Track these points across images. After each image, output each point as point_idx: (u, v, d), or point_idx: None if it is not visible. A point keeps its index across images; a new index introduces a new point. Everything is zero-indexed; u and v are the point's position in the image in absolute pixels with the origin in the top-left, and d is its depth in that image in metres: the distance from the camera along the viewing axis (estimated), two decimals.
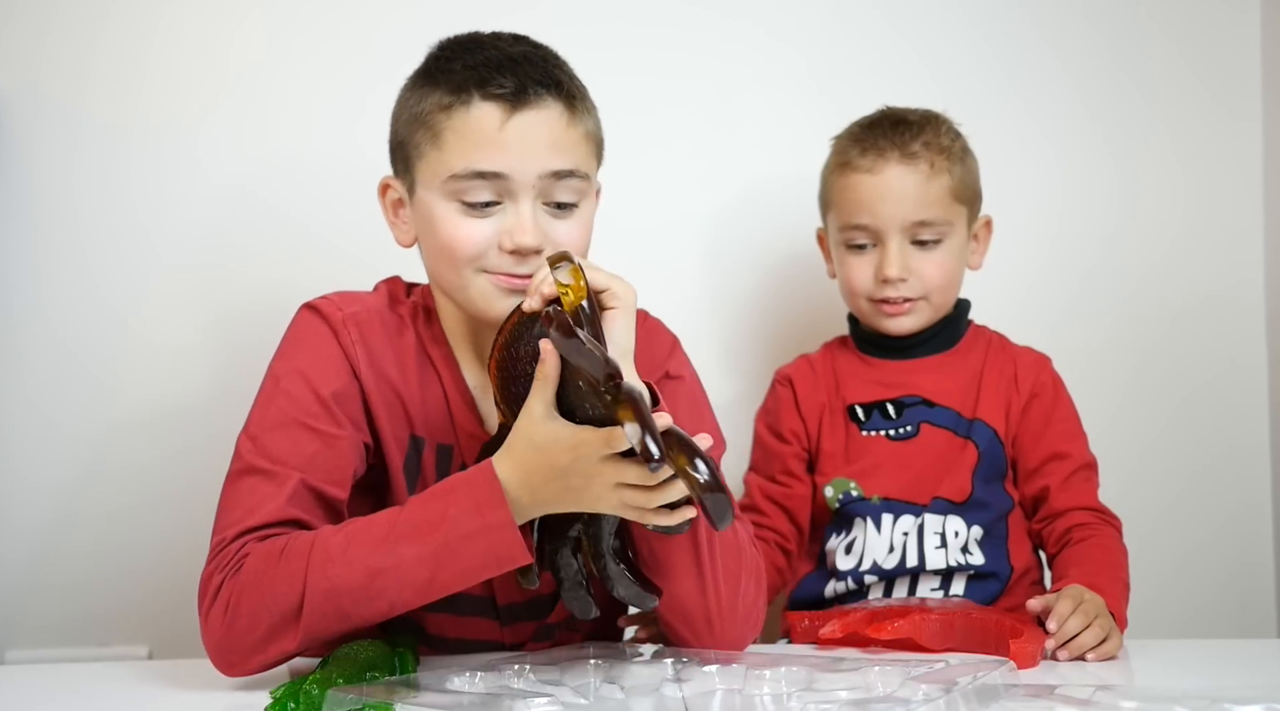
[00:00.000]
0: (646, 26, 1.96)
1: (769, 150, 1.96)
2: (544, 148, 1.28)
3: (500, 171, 1.27)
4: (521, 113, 1.27)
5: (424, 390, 1.34)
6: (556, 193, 1.29)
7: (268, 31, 1.90)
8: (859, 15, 1.98)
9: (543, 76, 1.29)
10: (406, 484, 1.32)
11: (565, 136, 1.29)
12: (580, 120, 1.31)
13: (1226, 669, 1.31)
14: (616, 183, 1.95)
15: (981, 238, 1.65)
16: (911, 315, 1.59)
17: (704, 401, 1.42)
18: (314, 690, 1.08)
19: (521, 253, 1.27)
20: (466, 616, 1.35)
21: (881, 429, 1.60)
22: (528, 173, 1.27)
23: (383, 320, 1.34)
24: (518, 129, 1.27)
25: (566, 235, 1.29)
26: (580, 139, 1.31)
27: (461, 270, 1.28)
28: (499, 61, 1.29)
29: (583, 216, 1.32)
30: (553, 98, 1.29)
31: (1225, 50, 2.01)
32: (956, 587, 1.54)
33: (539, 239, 1.27)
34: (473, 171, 1.26)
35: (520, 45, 1.33)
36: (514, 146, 1.27)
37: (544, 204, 1.29)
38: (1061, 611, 1.30)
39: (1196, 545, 2.01)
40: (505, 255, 1.27)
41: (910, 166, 1.56)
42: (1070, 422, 1.59)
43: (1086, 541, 1.49)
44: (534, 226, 1.27)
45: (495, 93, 1.27)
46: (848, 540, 1.58)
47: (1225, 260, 2.01)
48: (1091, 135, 2.00)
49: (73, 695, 1.24)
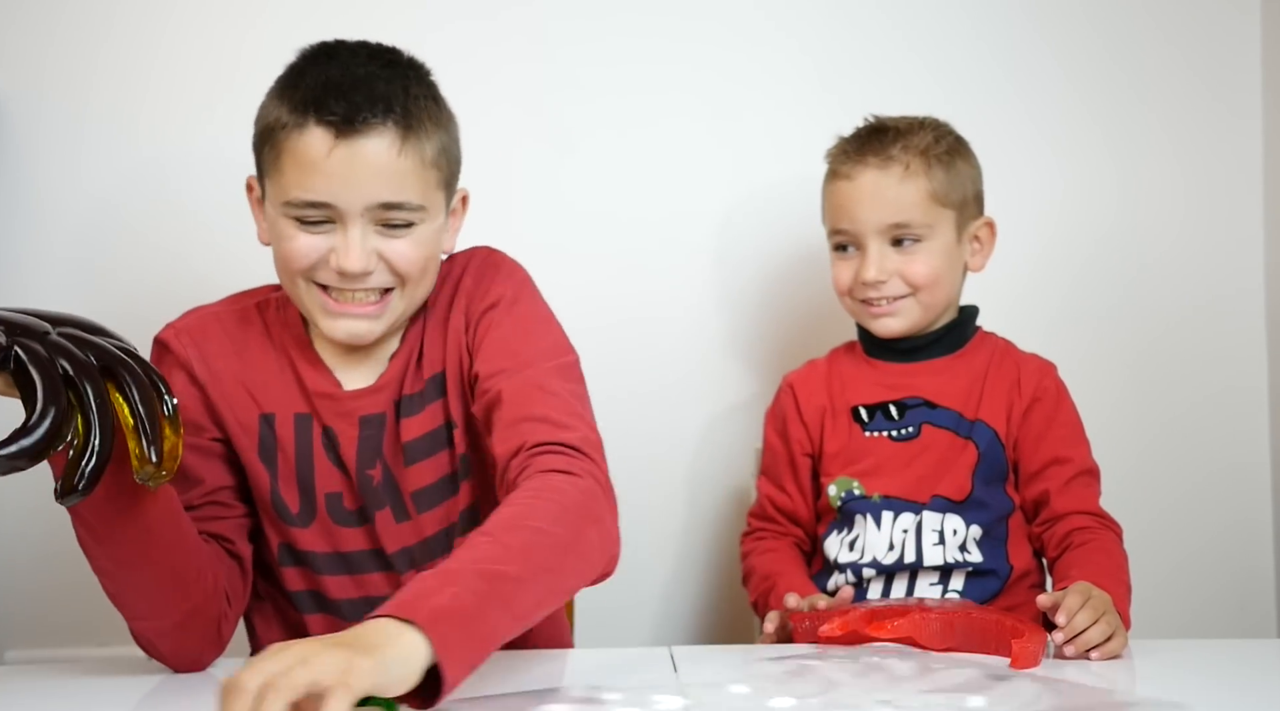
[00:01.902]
0: (651, 22, 1.96)
1: (777, 151, 1.96)
2: (370, 178, 1.28)
3: (326, 201, 1.28)
4: (349, 141, 1.27)
5: (272, 368, 1.39)
6: (389, 220, 1.30)
7: (273, 33, 1.89)
8: (864, 16, 1.98)
9: (378, 102, 1.28)
10: (264, 465, 1.37)
11: (395, 167, 1.28)
12: (416, 148, 1.30)
13: (1226, 669, 1.31)
14: (623, 184, 1.97)
15: (984, 239, 1.65)
16: (898, 316, 1.61)
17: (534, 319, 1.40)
18: None
19: (346, 275, 1.30)
20: (361, 574, 1.39)
21: (884, 429, 1.61)
22: (353, 203, 1.28)
23: (220, 320, 1.41)
24: (344, 158, 1.27)
25: (401, 254, 1.31)
26: (413, 169, 1.30)
27: (296, 280, 1.33)
28: (339, 83, 1.28)
29: (420, 236, 1.32)
30: (385, 125, 1.28)
31: (1225, 49, 2.01)
32: (955, 584, 1.54)
33: (363, 265, 1.29)
34: (303, 200, 1.29)
35: (371, 64, 1.32)
36: (339, 176, 1.27)
37: (377, 225, 1.30)
38: (1070, 605, 1.30)
39: (1196, 545, 2.01)
40: (335, 274, 1.30)
41: (884, 171, 1.58)
42: (1072, 428, 1.60)
43: (1087, 545, 1.49)
44: (360, 252, 1.29)
45: (327, 118, 1.27)
46: (849, 537, 1.59)
47: (1225, 261, 2.02)
48: (1091, 135, 2.00)
49: (73, 695, 1.24)
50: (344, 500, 1.39)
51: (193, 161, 1.88)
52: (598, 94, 1.95)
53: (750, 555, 1.66)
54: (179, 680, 1.29)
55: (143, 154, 1.89)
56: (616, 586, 1.92)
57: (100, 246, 1.88)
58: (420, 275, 1.34)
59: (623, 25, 1.96)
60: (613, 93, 1.96)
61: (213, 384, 1.38)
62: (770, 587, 1.57)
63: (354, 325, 1.33)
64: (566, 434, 1.25)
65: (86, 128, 1.88)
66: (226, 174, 1.86)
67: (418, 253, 1.32)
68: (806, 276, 1.94)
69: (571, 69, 1.95)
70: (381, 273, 1.32)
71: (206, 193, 1.88)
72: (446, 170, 1.36)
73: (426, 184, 1.32)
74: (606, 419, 1.94)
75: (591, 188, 1.96)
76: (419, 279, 1.34)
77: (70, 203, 1.89)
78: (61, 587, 1.88)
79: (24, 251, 1.88)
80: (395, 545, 1.39)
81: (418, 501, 1.39)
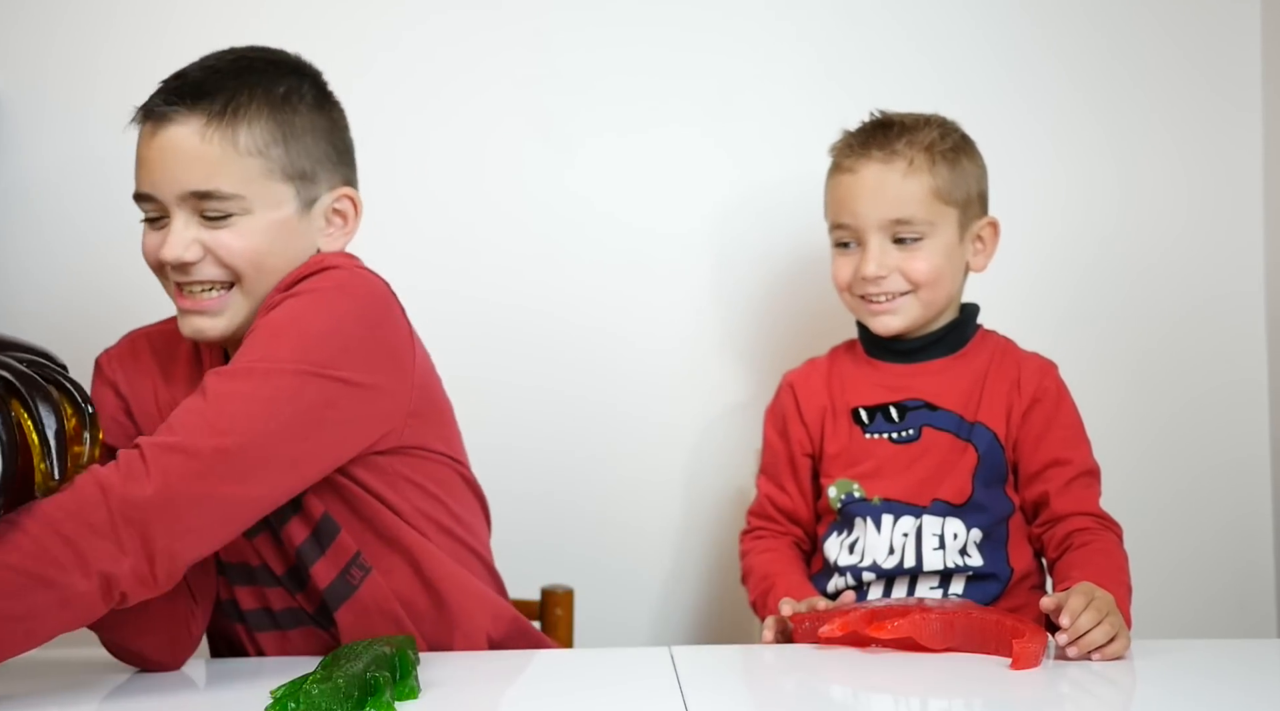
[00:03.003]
0: (651, 24, 1.96)
1: (777, 152, 1.97)
2: (174, 165, 1.28)
3: (147, 191, 1.30)
4: (158, 129, 1.29)
5: (191, 385, 1.36)
6: (205, 210, 1.30)
7: (273, 32, 1.89)
8: (864, 15, 1.98)
9: (189, 91, 1.29)
10: None
11: (199, 153, 1.28)
12: (227, 135, 1.29)
13: (1226, 669, 1.31)
14: (623, 185, 1.97)
15: (986, 239, 1.65)
16: (897, 313, 1.60)
17: None
18: (314, 690, 1.09)
19: (168, 264, 1.31)
20: (265, 587, 1.38)
21: (884, 431, 1.61)
22: (167, 192, 1.29)
23: (151, 342, 1.42)
24: (155, 148, 1.29)
25: (224, 245, 1.30)
26: (223, 156, 1.28)
27: (160, 280, 1.35)
28: (171, 80, 1.32)
29: (244, 227, 1.30)
30: (191, 113, 1.28)
31: (1226, 50, 2.01)
32: (956, 588, 1.54)
33: (178, 254, 1.29)
34: (136, 193, 1.32)
35: (221, 60, 1.34)
36: (153, 164, 1.30)
37: (199, 216, 1.30)
38: (1074, 606, 1.30)
39: (1197, 545, 2.01)
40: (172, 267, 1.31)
41: (888, 165, 1.57)
42: (1072, 429, 1.59)
43: (1087, 546, 1.49)
44: (177, 240, 1.29)
45: (146, 110, 1.31)
46: (849, 540, 1.58)
47: (1226, 261, 2.01)
48: (1092, 134, 2.00)
49: (76, 695, 1.24)
50: None
51: None
52: (597, 98, 1.95)
53: (749, 554, 1.66)
54: (179, 680, 1.29)
55: None
56: (616, 586, 1.94)
57: (100, 246, 1.88)
58: (254, 269, 1.31)
59: (623, 31, 1.96)
60: (612, 96, 1.96)
61: (135, 401, 1.40)
62: (769, 587, 1.57)
63: (197, 321, 1.33)
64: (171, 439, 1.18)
65: (86, 127, 1.88)
66: None
67: (243, 244, 1.30)
68: (806, 277, 1.94)
69: (572, 73, 1.95)
70: (209, 265, 1.31)
71: None
72: (282, 162, 1.32)
73: (246, 172, 1.30)
74: (606, 418, 1.96)
75: (591, 189, 1.96)
76: (254, 274, 1.31)
77: (70, 202, 1.89)
78: None
79: (23, 251, 1.88)
80: (283, 566, 1.37)
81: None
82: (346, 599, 1.34)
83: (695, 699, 1.16)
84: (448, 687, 1.21)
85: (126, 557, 1.13)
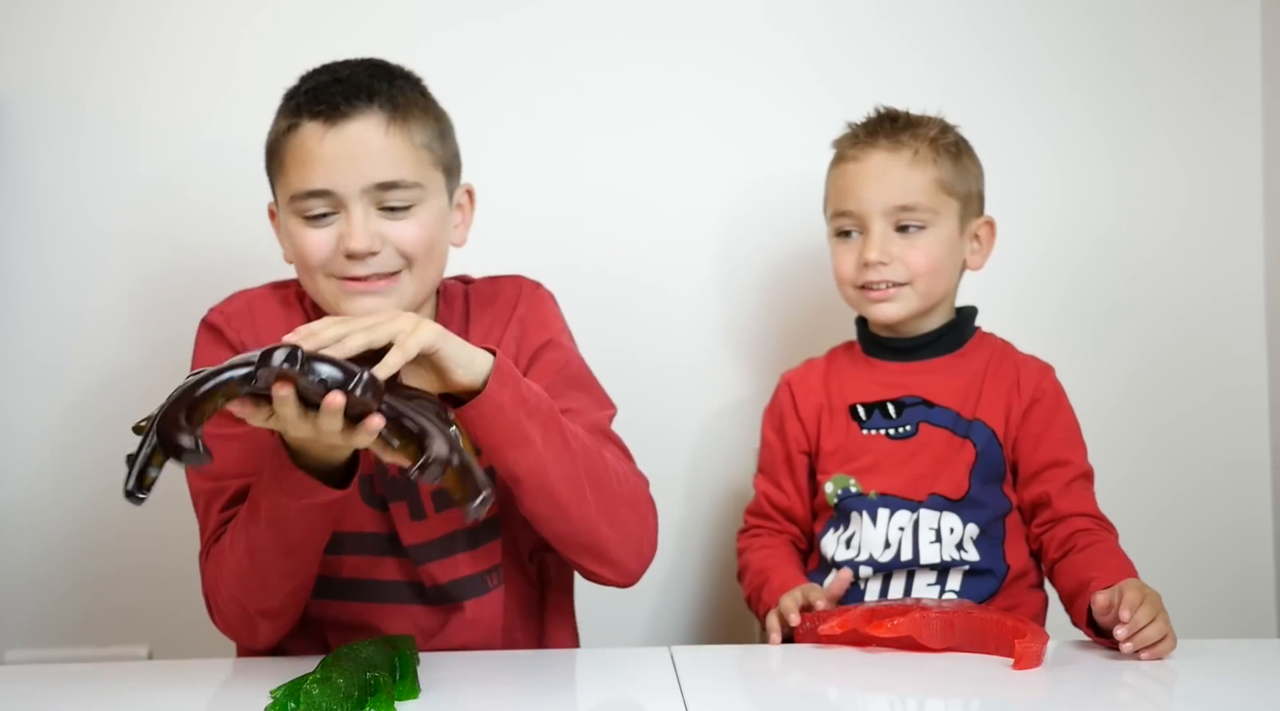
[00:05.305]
0: (651, 21, 1.96)
1: (776, 151, 1.96)
2: (362, 159, 1.34)
3: (325, 187, 1.35)
4: (338, 127, 1.34)
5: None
6: (387, 201, 1.36)
7: (271, 33, 1.90)
8: (864, 15, 1.98)
9: (361, 91, 1.36)
10: None
11: (384, 145, 1.35)
12: (405, 130, 1.36)
13: (1226, 669, 1.31)
14: (624, 183, 1.97)
15: (983, 238, 1.65)
16: (896, 302, 1.60)
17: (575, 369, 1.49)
18: (314, 690, 1.09)
19: (355, 256, 1.34)
20: (373, 555, 1.41)
21: (881, 428, 1.61)
22: (350, 186, 1.34)
23: (266, 303, 1.46)
24: (335, 143, 1.34)
25: (403, 234, 1.36)
26: (403, 148, 1.36)
27: (314, 275, 1.38)
28: (325, 84, 1.37)
29: (420, 217, 1.37)
30: (370, 109, 1.35)
31: (1225, 50, 2.01)
32: (952, 583, 1.54)
33: (367, 243, 1.34)
34: (305, 191, 1.35)
35: (357, 68, 1.39)
36: (333, 161, 1.34)
37: (379, 208, 1.36)
38: (1132, 600, 1.30)
39: (1197, 545, 2.01)
40: (345, 259, 1.35)
41: (894, 153, 1.59)
42: (1070, 430, 1.59)
43: (1095, 546, 1.49)
44: (363, 231, 1.34)
45: (315, 112, 1.35)
46: (846, 535, 1.59)
47: (1225, 261, 2.01)
48: (1091, 135, 2.00)
49: (73, 695, 1.24)
50: (375, 485, 1.40)
51: (191, 160, 1.88)
52: (598, 94, 1.95)
53: (745, 551, 1.66)
54: (179, 680, 1.29)
55: (141, 153, 1.88)
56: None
57: (99, 245, 1.88)
58: (427, 256, 1.38)
59: (623, 26, 1.96)
60: (613, 92, 1.96)
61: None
62: (763, 582, 1.57)
63: (369, 301, 1.36)
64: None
65: (85, 127, 1.88)
66: (225, 171, 1.88)
67: (422, 233, 1.37)
68: (805, 276, 1.94)
69: (573, 69, 1.95)
70: (389, 255, 1.36)
71: (205, 191, 1.88)
72: (441, 155, 1.40)
73: (420, 163, 1.37)
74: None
75: (592, 187, 1.96)
76: (426, 261, 1.38)
77: (69, 202, 1.89)
78: (61, 587, 1.89)
79: (23, 251, 1.88)
80: (411, 538, 1.40)
81: (437, 500, 1.40)
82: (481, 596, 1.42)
83: (695, 699, 1.16)
84: (448, 687, 1.22)
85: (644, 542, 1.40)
